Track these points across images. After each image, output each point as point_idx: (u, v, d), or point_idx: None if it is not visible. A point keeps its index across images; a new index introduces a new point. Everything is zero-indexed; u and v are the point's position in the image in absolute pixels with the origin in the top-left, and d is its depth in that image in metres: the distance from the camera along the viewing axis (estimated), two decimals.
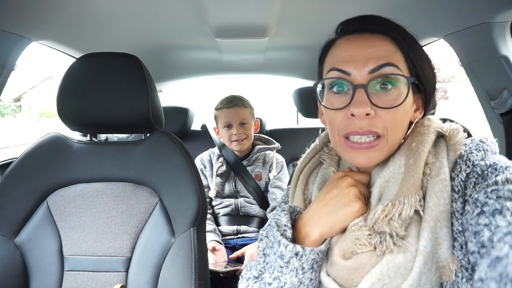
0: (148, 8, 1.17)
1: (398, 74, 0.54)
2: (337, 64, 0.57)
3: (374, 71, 0.54)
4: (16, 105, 13.85)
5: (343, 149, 0.59)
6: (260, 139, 1.78)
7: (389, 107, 0.54)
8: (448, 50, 1.19)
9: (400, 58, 0.56)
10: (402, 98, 0.54)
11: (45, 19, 1.11)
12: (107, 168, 1.05)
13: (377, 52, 0.55)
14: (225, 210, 1.69)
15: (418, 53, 0.57)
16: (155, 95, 1.06)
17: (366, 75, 0.55)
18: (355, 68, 0.55)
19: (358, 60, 0.55)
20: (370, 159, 0.56)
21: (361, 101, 0.53)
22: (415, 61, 0.57)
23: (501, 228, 0.41)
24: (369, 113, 0.53)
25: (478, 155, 0.54)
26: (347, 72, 0.56)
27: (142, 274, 0.96)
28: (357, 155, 0.56)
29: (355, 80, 0.55)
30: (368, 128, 0.54)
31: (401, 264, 0.49)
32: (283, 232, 0.57)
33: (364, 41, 0.56)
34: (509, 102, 1.03)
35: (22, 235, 0.99)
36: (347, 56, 0.56)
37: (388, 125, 0.55)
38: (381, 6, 1.12)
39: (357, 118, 0.54)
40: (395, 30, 0.57)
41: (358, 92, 0.54)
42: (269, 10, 1.20)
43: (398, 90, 0.55)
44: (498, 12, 0.92)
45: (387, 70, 0.54)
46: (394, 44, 0.56)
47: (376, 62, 0.54)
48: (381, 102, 0.54)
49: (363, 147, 0.55)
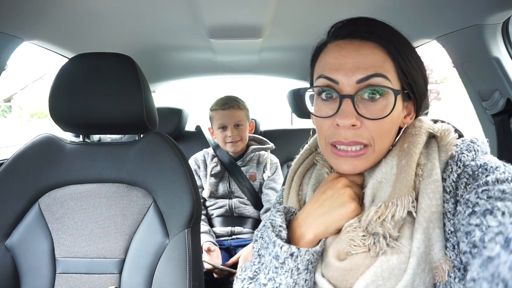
0: (142, 8, 1.16)
1: (385, 87, 0.54)
2: (326, 71, 0.57)
3: (362, 81, 0.54)
4: (7, 106, 13.68)
5: (329, 156, 0.59)
6: (254, 139, 1.78)
7: (376, 118, 0.54)
8: (441, 51, 1.20)
9: (390, 67, 0.55)
10: (389, 109, 0.54)
11: (37, 18, 1.09)
12: (100, 169, 1.05)
13: (366, 61, 0.54)
14: (219, 211, 1.68)
15: (410, 61, 0.57)
16: (149, 95, 1.05)
17: (354, 85, 0.54)
18: (344, 76, 0.55)
19: (346, 69, 0.55)
20: (355, 167, 0.56)
21: (347, 112, 0.53)
22: (406, 70, 0.56)
23: (492, 228, 0.42)
24: (355, 124, 0.54)
25: (469, 155, 0.54)
26: (335, 81, 0.55)
27: (135, 276, 0.95)
28: (343, 162, 0.57)
29: (343, 90, 0.55)
30: (354, 139, 0.55)
31: (395, 265, 0.50)
32: (278, 232, 0.57)
33: (354, 49, 0.56)
34: (500, 103, 1.05)
35: (13, 238, 0.98)
36: (336, 64, 0.56)
37: (374, 135, 0.55)
38: (374, 8, 1.13)
39: (342, 128, 0.54)
40: (387, 38, 0.56)
41: (344, 102, 0.54)
42: (263, 11, 1.20)
43: (386, 101, 0.54)
44: (490, 14, 0.93)
45: (376, 81, 0.54)
46: (384, 53, 0.55)
47: (365, 72, 0.54)
48: (368, 112, 0.54)
49: (349, 155, 0.56)
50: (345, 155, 0.56)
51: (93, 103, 0.99)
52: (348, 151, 0.56)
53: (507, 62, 1.01)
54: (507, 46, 1.02)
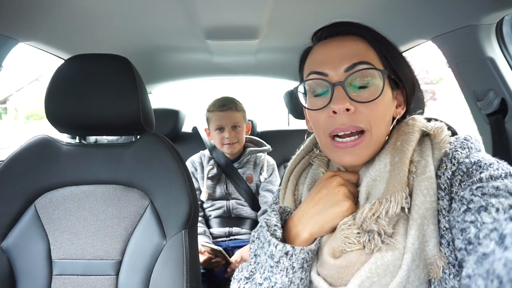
0: (138, 9, 1.16)
1: (372, 68, 0.57)
2: (315, 67, 0.60)
3: (349, 69, 0.57)
4: (2, 108, 13.59)
5: (330, 150, 0.60)
6: (251, 141, 1.78)
7: (368, 101, 0.56)
8: (436, 52, 1.21)
9: (374, 55, 0.59)
10: (379, 91, 0.56)
11: (33, 19, 1.09)
12: (97, 171, 1.04)
13: (351, 52, 0.58)
14: (216, 212, 1.68)
15: (391, 50, 0.60)
16: (146, 97, 1.05)
17: (342, 74, 0.57)
18: (331, 68, 0.58)
19: (333, 60, 0.58)
20: (357, 156, 0.57)
21: (340, 97, 0.56)
22: (388, 56, 0.59)
23: (487, 224, 0.42)
24: (349, 109, 0.55)
25: (463, 152, 0.55)
26: (324, 73, 0.58)
27: (133, 277, 0.95)
28: (344, 154, 0.58)
29: (333, 79, 0.58)
30: (351, 123, 0.56)
31: (389, 262, 0.50)
32: (273, 232, 0.57)
33: (337, 43, 0.60)
34: (495, 103, 1.05)
35: (9, 239, 0.97)
36: (323, 58, 0.60)
37: (370, 119, 0.56)
38: (369, 9, 1.13)
39: (338, 114, 0.56)
40: (366, 29, 0.61)
41: (336, 89, 0.56)
42: (259, 12, 1.20)
43: (375, 86, 0.57)
44: (484, 14, 0.94)
45: (361, 67, 0.57)
46: (366, 43, 0.59)
47: (350, 61, 0.57)
48: (359, 97, 0.56)
49: (349, 146, 0.57)
50: (344, 146, 0.57)
51: (90, 104, 0.99)
52: (347, 142, 0.57)
53: (501, 62, 1.02)
54: (501, 46, 1.03)
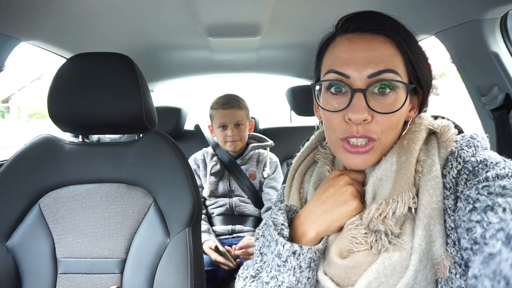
0: (139, 7, 1.16)
1: (397, 81, 0.54)
2: (336, 66, 0.56)
3: (373, 76, 0.53)
4: (5, 107, 13.63)
5: (340, 151, 0.58)
6: (254, 137, 1.78)
7: (387, 113, 0.54)
8: (439, 47, 1.20)
9: (400, 61, 0.55)
10: (400, 103, 0.54)
11: (34, 18, 1.09)
12: (100, 169, 1.04)
13: (378, 56, 0.54)
14: (219, 209, 1.68)
15: (418, 54, 0.57)
16: (148, 95, 1.05)
17: (365, 79, 0.54)
18: (355, 71, 0.54)
19: (357, 63, 0.54)
20: (365, 161, 0.56)
21: (360, 106, 0.53)
22: (415, 63, 0.56)
23: (493, 224, 0.42)
24: (366, 119, 0.53)
25: (469, 151, 0.54)
26: (346, 75, 0.55)
27: (137, 275, 0.95)
28: (353, 157, 0.56)
29: (354, 84, 0.54)
30: (364, 133, 0.54)
31: (397, 262, 0.50)
32: (280, 231, 0.57)
33: (365, 43, 0.55)
34: (499, 98, 1.05)
35: (14, 239, 0.98)
36: (347, 58, 0.55)
37: (384, 129, 0.55)
38: (372, 4, 1.12)
39: (354, 122, 0.54)
40: (397, 31, 0.56)
41: (356, 96, 0.53)
42: (260, 9, 1.20)
43: (396, 95, 0.54)
44: (488, 9, 0.93)
45: (386, 76, 0.53)
46: (394, 47, 0.55)
47: (376, 67, 0.53)
48: (379, 106, 0.54)
49: (360, 152, 0.55)
50: (356, 151, 0.55)
51: (92, 103, 0.99)
52: (358, 146, 0.55)
53: (505, 57, 1.01)
54: (506, 41, 1.02)
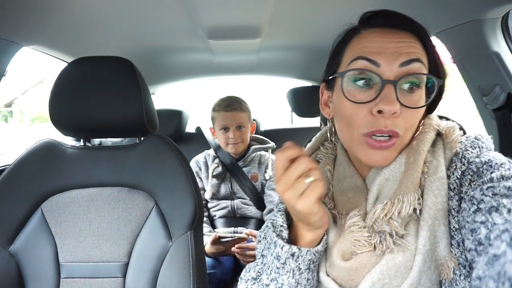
0: (139, 10, 1.16)
1: (427, 74, 0.53)
2: (366, 53, 0.53)
3: (404, 65, 0.52)
4: (7, 111, 13.68)
5: (360, 146, 0.55)
6: (255, 139, 1.78)
7: (415, 107, 0.53)
8: (440, 47, 1.20)
9: (426, 59, 0.55)
10: (423, 99, 0.54)
11: (36, 24, 1.09)
12: (102, 173, 1.04)
13: (408, 48, 0.53)
14: (221, 212, 1.68)
15: (439, 58, 0.57)
16: (149, 98, 1.05)
17: (397, 69, 0.52)
18: (386, 60, 0.52)
19: (389, 52, 0.52)
20: (386, 158, 0.55)
21: (392, 98, 0.50)
22: (438, 65, 0.56)
23: (498, 225, 0.41)
24: (396, 112, 0.51)
25: (473, 152, 0.54)
26: (377, 63, 0.52)
27: (139, 279, 0.95)
28: (375, 153, 0.54)
29: (384, 74, 0.52)
30: (392, 128, 0.52)
31: (401, 263, 0.50)
32: (279, 232, 0.57)
33: (396, 35, 0.54)
34: (501, 98, 1.04)
35: (17, 243, 0.98)
36: (378, 47, 0.53)
37: (408, 125, 0.53)
38: (373, 5, 1.12)
39: (382, 116, 0.51)
40: (423, 31, 0.56)
41: (387, 88, 0.51)
42: (261, 10, 1.20)
43: (421, 92, 0.54)
44: (489, 9, 0.93)
45: (417, 66, 0.52)
46: (421, 46, 0.55)
47: (408, 56, 0.52)
48: (408, 102, 0.52)
49: (383, 147, 0.53)
50: (379, 146, 0.53)
51: (93, 107, 0.99)
52: (382, 142, 0.53)
53: (507, 57, 1.01)
54: (507, 40, 1.02)
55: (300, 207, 0.49)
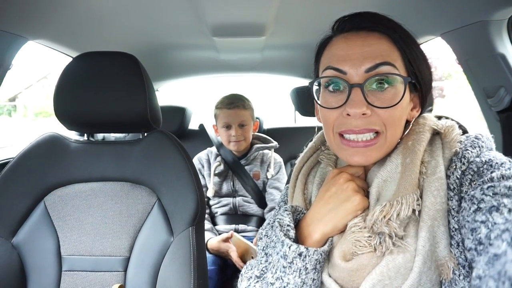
0: (145, 6, 1.17)
1: (395, 74, 0.54)
2: (333, 62, 0.56)
3: (371, 70, 0.54)
4: (11, 105, 13.75)
5: (338, 148, 0.58)
6: (258, 138, 1.78)
7: (386, 107, 0.54)
8: (445, 48, 1.19)
9: (397, 56, 0.55)
10: (399, 97, 0.54)
11: (41, 18, 1.10)
12: (105, 168, 1.05)
13: (374, 51, 0.54)
14: (223, 209, 1.68)
15: (415, 51, 0.57)
16: (153, 94, 1.05)
17: (363, 74, 0.54)
18: (351, 67, 0.54)
19: (354, 58, 0.54)
20: (367, 158, 0.56)
21: (357, 100, 0.53)
22: (412, 59, 0.56)
23: (498, 225, 0.41)
24: (365, 113, 0.53)
25: (473, 152, 0.54)
26: (343, 71, 0.55)
27: (140, 273, 0.96)
28: (353, 153, 0.56)
29: (351, 79, 0.55)
30: (365, 126, 0.54)
31: (401, 264, 0.49)
32: (286, 232, 0.57)
33: (360, 40, 0.56)
34: (506, 100, 1.04)
35: (20, 236, 0.99)
36: (344, 54, 0.56)
37: (386, 122, 0.54)
38: (378, 5, 1.12)
39: (353, 117, 0.54)
40: (392, 28, 0.57)
41: (354, 91, 0.54)
42: (266, 9, 1.20)
43: (395, 89, 0.54)
44: (495, 10, 0.92)
45: (384, 69, 0.54)
46: (391, 43, 0.56)
47: (373, 61, 0.54)
48: (378, 101, 0.54)
49: (359, 146, 0.55)
50: (355, 145, 0.55)
51: (97, 102, 1.00)
52: (358, 141, 0.55)
53: None
54: None
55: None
